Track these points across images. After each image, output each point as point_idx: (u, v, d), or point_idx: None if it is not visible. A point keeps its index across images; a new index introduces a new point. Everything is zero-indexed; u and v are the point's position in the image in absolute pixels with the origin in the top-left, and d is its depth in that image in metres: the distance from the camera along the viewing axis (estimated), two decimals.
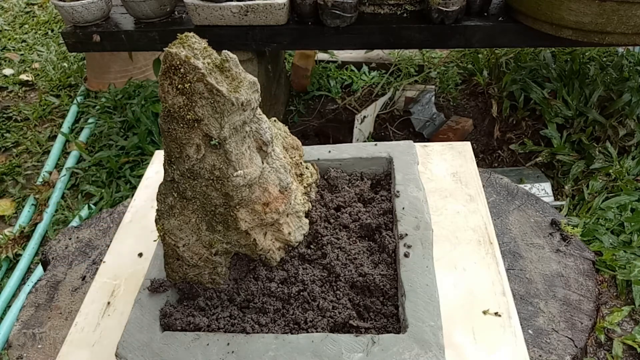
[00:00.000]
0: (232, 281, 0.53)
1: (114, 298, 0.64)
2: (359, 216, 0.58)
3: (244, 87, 0.42)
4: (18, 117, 2.20)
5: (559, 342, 0.59)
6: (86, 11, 1.41)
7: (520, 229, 0.74)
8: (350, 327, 0.49)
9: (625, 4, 1.09)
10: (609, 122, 1.54)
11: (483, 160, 1.75)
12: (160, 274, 0.52)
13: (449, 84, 2.07)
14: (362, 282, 0.51)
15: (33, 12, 3.15)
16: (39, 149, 2.01)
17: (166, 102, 0.41)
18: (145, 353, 0.46)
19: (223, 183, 0.45)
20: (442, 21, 1.31)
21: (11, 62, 2.62)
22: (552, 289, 0.65)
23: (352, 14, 1.32)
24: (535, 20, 1.26)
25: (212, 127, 0.42)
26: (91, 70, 2.19)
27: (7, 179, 1.89)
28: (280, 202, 0.49)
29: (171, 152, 0.44)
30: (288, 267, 0.54)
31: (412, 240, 0.52)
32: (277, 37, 1.40)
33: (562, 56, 1.87)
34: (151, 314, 0.49)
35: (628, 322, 1.22)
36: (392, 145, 0.65)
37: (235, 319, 0.50)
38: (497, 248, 0.63)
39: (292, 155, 0.57)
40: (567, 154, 1.57)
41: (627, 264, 1.26)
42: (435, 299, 0.47)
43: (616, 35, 1.15)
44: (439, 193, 0.72)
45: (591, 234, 1.32)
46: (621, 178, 1.45)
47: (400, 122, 1.93)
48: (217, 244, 0.49)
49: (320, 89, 2.11)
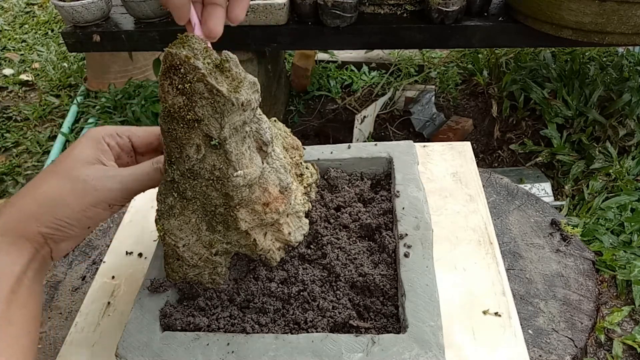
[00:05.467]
0: (232, 281, 0.53)
1: (114, 298, 0.64)
2: (359, 216, 0.58)
3: (244, 87, 0.42)
4: (18, 117, 2.20)
5: (559, 342, 0.59)
6: (86, 11, 1.41)
7: (520, 229, 0.74)
8: (350, 327, 0.49)
9: (625, 4, 1.09)
10: (609, 122, 1.54)
11: (483, 160, 1.75)
12: (160, 274, 0.52)
13: (449, 84, 2.07)
14: (362, 282, 0.51)
15: (33, 12, 3.15)
16: (39, 149, 2.01)
17: (166, 102, 0.41)
18: (145, 353, 0.46)
19: (223, 183, 0.45)
20: (442, 21, 1.31)
21: (11, 62, 2.62)
22: (552, 289, 0.65)
23: (352, 14, 1.32)
24: (535, 20, 1.26)
25: (212, 127, 0.42)
26: (91, 70, 2.19)
27: (7, 179, 1.89)
28: (280, 202, 0.49)
29: (171, 152, 0.44)
30: (288, 267, 0.54)
31: (412, 240, 0.52)
32: (277, 37, 1.40)
33: (562, 56, 1.87)
34: (151, 314, 0.49)
35: (628, 322, 1.22)
36: (392, 145, 0.65)
37: (235, 319, 0.50)
38: (497, 248, 0.63)
39: (292, 155, 0.57)
40: (567, 154, 1.57)
41: (627, 264, 1.26)
42: (435, 299, 0.47)
43: (616, 35, 1.15)
44: (439, 193, 0.72)
45: (591, 234, 1.32)
46: (621, 178, 1.45)
47: (400, 122, 1.93)
48: (217, 244, 0.49)
49: (320, 89, 2.11)
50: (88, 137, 0.50)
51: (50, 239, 0.46)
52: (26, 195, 0.46)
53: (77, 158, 0.48)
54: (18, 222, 0.44)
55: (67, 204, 0.45)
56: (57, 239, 0.46)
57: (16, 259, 0.43)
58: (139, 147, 0.54)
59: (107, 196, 0.47)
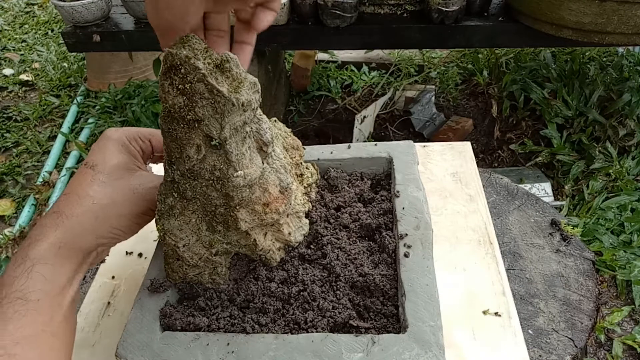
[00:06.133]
0: (232, 281, 0.53)
1: (114, 298, 0.64)
2: (359, 216, 0.58)
3: (245, 87, 0.42)
4: (18, 117, 2.20)
5: (559, 342, 0.59)
6: (86, 11, 1.41)
7: (520, 229, 0.74)
8: (350, 327, 0.49)
9: (625, 4, 1.09)
10: (609, 122, 1.54)
11: (483, 160, 1.75)
12: (160, 274, 0.52)
13: (449, 84, 2.07)
14: (362, 282, 0.51)
15: (33, 12, 3.15)
16: (39, 149, 2.01)
17: (166, 103, 0.41)
18: (145, 353, 0.46)
19: (223, 183, 0.45)
20: (442, 21, 1.31)
21: (11, 62, 2.62)
22: (552, 289, 0.66)
23: (352, 14, 1.32)
24: (535, 20, 1.26)
25: (213, 128, 0.42)
26: (91, 70, 2.18)
27: (7, 179, 1.89)
28: (280, 203, 0.49)
29: (171, 152, 0.44)
30: (288, 267, 0.54)
31: (412, 240, 0.52)
32: (277, 37, 1.40)
33: (562, 56, 1.87)
34: (151, 314, 0.49)
35: (628, 322, 1.22)
36: (392, 145, 0.65)
37: (235, 319, 0.50)
38: (497, 248, 0.63)
39: (293, 155, 0.57)
40: (567, 154, 1.57)
41: (627, 264, 1.26)
42: (435, 299, 0.47)
43: (616, 35, 1.15)
44: (439, 193, 0.72)
45: (591, 234, 1.32)
46: (621, 178, 1.45)
47: (400, 122, 1.93)
48: (217, 244, 0.49)
49: (320, 89, 2.11)
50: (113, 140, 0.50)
51: (101, 247, 0.47)
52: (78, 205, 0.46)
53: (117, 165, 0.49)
54: (78, 236, 0.45)
55: (122, 214, 0.47)
56: (107, 247, 0.48)
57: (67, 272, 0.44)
58: (159, 151, 0.54)
59: (154, 204, 0.48)
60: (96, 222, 0.46)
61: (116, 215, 0.47)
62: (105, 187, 0.47)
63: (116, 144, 0.50)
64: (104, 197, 0.46)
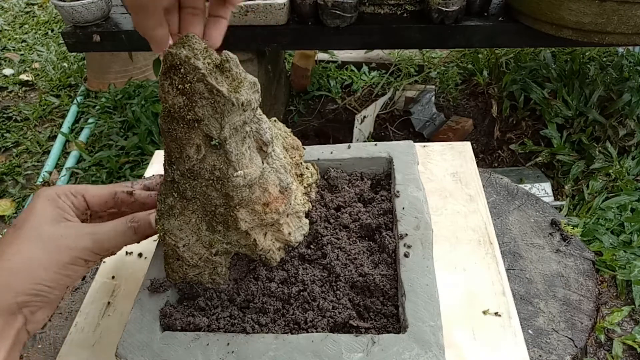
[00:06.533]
0: (232, 281, 0.53)
1: (114, 298, 0.64)
2: (359, 216, 0.58)
3: (245, 87, 0.42)
4: (18, 117, 2.20)
5: (559, 342, 0.59)
6: (86, 11, 1.41)
7: (520, 229, 0.74)
8: (350, 327, 0.49)
9: (625, 4, 1.09)
10: (609, 122, 1.54)
11: (483, 160, 1.75)
12: (160, 274, 0.52)
13: (449, 84, 2.07)
14: (362, 282, 0.51)
15: (33, 12, 3.15)
16: (39, 149, 2.01)
17: (166, 103, 0.41)
18: (145, 353, 0.46)
19: (223, 183, 0.45)
20: (442, 21, 1.31)
21: (11, 62, 2.62)
22: (552, 289, 0.66)
23: (352, 14, 1.32)
24: (535, 20, 1.26)
25: (213, 128, 0.42)
26: (91, 70, 2.19)
27: (7, 179, 1.89)
28: (280, 203, 0.49)
29: (171, 152, 0.44)
30: (288, 267, 0.54)
31: (412, 240, 0.52)
32: (277, 37, 1.40)
33: (562, 56, 1.87)
34: (151, 314, 0.49)
35: (628, 322, 1.22)
36: (392, 145, 0.65)
37: (235, 319, 0.50)
38: (497, 248, 0.63)
39: (293, 155, 0.57)
40: (567, 154, 1.57)
41: (627, 264, 1.26)
42: (435, 299, 0.47)
43: (616, 35, 1.15)
44: (439, 193, 0.72)
45: (591, 234, 1.32)
46: (621, 178, 1.45)
47: (400, 122, 1.93)
48: (217, 244, 0.49)
49: (320, 89, 2.11)
50: (42, 197, 0.48)
51: (26, 307, 0.43)
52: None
53: (42, 218, 0.46)
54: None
55: (44, 267, 0.44)
56: (34, 306, 0.44)
57: None
58: (94, 206, 0.52)
59: (82, 254, 0.46)
60: (14, 277, 0.42)
61: (37, 267, 0.43)
62: (26, 241, 0.44)
63: (43, 200, 0.48)
64: (22, 251, 0.43)
